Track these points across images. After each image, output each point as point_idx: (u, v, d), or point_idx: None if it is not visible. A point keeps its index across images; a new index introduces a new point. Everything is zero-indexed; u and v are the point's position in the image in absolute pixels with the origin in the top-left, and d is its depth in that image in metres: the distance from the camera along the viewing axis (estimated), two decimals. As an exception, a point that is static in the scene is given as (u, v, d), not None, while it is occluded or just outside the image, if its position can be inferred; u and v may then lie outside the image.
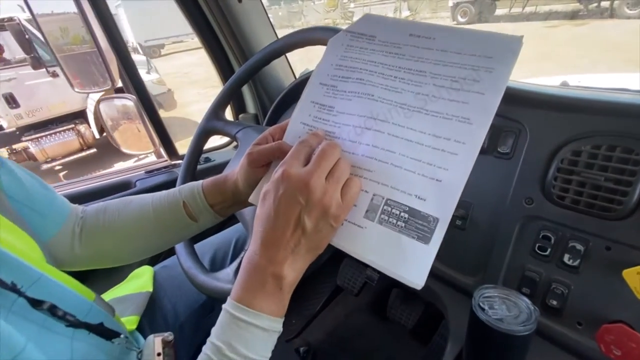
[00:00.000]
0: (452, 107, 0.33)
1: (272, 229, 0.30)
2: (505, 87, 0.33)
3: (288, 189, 0.30)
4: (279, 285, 0.30)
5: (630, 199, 0.39)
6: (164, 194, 0.45)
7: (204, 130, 0.66)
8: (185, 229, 0.45)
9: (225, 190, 0.43)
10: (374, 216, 0.33)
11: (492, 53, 0.34)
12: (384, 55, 0.38)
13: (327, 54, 0.41)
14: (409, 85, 0.36)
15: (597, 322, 0.41)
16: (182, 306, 0.59)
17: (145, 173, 0.90)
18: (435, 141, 0.33)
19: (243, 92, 1.03)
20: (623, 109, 0.41)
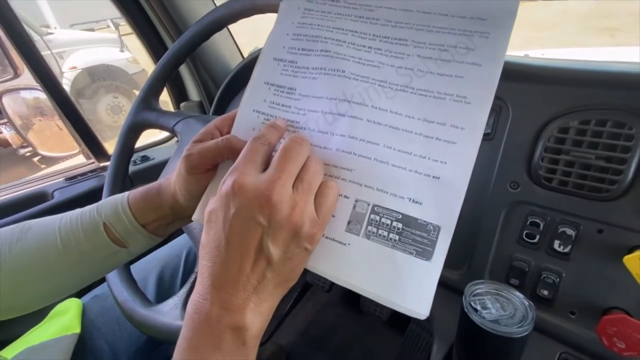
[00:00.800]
0: (444, 83, 0.27)
1: (224, 263, 0.22)
2: (505, 55, 0.27)
3: (242, 207, 0.22)
4: (240, 339, 0.22)
5: (624, 178, 0.36)
6: (76, 215, 0.34)
7: (133, 124, 0.54)
8: (111, 258, 0.34)
9: (161, 204, 0.33)
10: (358, 229, 0.26)
11: (485, 14, 0.28)
12: (353, 21, 0.31)
13: (280, 21, 0.33)
14: (388, 57, 0.29)
15: (591, 311, 0.39)
16: (123, 344, 0.49)
17: (66, 180, 0.74)
18: (427, 127, 0.26)
19: (183, 76, 0.89)
20: (612, 79, 0.37)
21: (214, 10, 0.49)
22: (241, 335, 0.22)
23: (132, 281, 0.44)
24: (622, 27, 4.06)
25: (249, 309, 0.22)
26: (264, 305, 0.23)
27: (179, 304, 0.38)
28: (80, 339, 0.46)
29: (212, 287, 0.22)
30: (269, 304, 0.24)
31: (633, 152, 0.35)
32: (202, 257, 0.23)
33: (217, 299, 0.22)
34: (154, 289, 0.54)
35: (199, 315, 0.22)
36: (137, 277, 0.45)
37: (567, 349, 0.41)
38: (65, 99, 0.73)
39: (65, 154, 0.98)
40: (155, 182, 0.35)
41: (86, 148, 0.78)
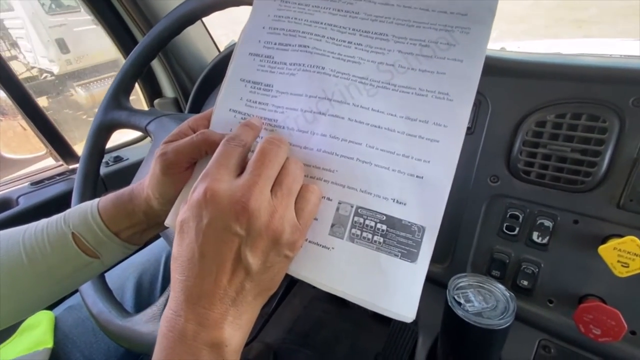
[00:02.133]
0: (426, 79, 0.26)
1: (198, 276, 0.21)
2: (486, 50, 0.27)
3: (216, 217, 0.21)
4: (219, 356, 0.21)
5: (598, 170, 0.37)
6: (42, 227, 0.32)
7: (102, 124, 0.51)
8: (83, 270, 0.32)
9: (134, 211, 0.31)
10: (342, 232, 0.25)
11: (466, 9, 0.27)
12: (332, 14, 0.30)
13: (255, 13, 0.31)
14: (369, 53, 0.28)
15: (568, 299, 0.40)
16: (100, 356, 0.46)
17: (31, 185, 0.69)
18: (409, 126, 0.26)
19: (156, 72, 0.85)
20: (587, 73, 0.38)
21: (186, 2, 0.47)
22: (220, 351, 0.21)
23: (107, 290, 0.42)
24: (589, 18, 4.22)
25: (227, 323, 0.21)
26: (243, 317, 0.22)
27: (157, 313, 0.37)
28: (54, 354, 0.44)
29: (186, 302, 0.21)
30: (248, 316, 0.22)
31: (606, 145, 0.36)
32: (175, 270, 0.22)
33: (193, 315, 0.21)
34: (132, 297, 0.52)
35: (172, 333, 0.21)
36: (113, 285, 0.43)
37: (546, 337, 0.43)
38: (26, 96, 0.68)
39: (31, 155, 0.92)
40: (127, 187, 0.33)
41: (52, 150, 0.73)
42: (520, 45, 0.74)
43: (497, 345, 0.37)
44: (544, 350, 0.43)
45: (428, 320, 0.48)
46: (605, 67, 0.37)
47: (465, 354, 0.39)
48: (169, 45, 0.52)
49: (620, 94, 0.36)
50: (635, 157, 0.35)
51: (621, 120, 0.36)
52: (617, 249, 0.34)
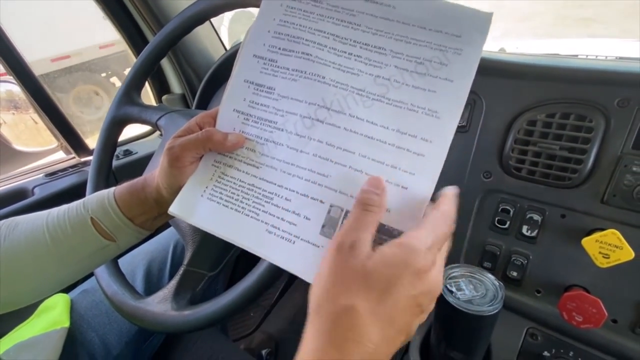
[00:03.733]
0: (418, 96, 0.28)
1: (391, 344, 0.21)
2: (474, 73, 0.28)
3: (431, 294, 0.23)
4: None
5: (584, 167, 0.39)
6: (63, 211, 0.34)
7: (115, 119, 0.53)
8: (100, 252, 0.35)
9: (146, 198, 0.34)
10: (332, 232, 0.27)
11: (460, 31, 0.29)
12: (335, 24, 0.31)
13: (262, 16, 0.33)
14: (367, 66, 0.30)
15: (555, 289, 0.42)
16: (113, 336, 0.49)
17: (45, 176, 0.72)
18: (399, 139, 0.28)
19: (165, 69, 0.87)
20: (575, 75, 0.40)
21: (196, 3, 0.49)
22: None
23: (121, 274, 0.44)
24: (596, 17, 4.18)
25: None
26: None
27: (168, 295, 0.39)
28: (70, 333, 0.46)
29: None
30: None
31: (592, 143, 0.38)
32: (372, 324, 0.21)
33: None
34: (142, 282, 0.55)
35: None
36: (124, 270, 0.46)
37: (533, 325, 0.45)
38: (41, 91, 0.71)
39: (42, 149, 0.95)
40: (140, 177, 0.35)
41: (65, 142, 0.76)
42: (519, 45, 0.75)
43: (487, 330, 0.40)
44: (532, 338, 0.45)
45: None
46: (593, 70, 0.39)
47: (456, 339, 0.41)
48: (178, 44, 0.55)
49: (606, 95, 0.37)
50: (619, 155, 0.37)
51: (607, 120, 0.38)
52: (599, 241, 0.36)
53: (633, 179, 0.36)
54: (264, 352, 0.72)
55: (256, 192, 0.29)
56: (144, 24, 0.74)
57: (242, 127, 0.31)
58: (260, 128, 0.31)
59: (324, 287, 0.22)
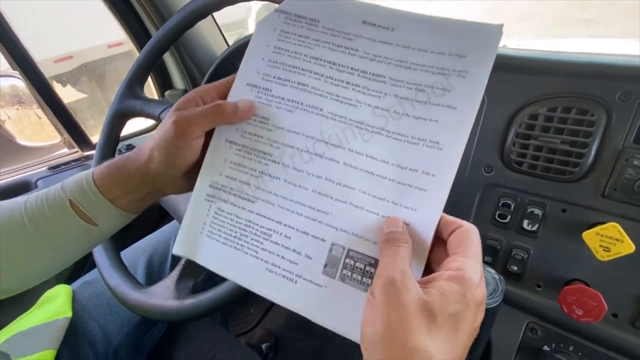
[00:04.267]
0: (419, 126, 0.27)
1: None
2: (482, 97, 0.26)
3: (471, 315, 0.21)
4: None
5: (585, 161, 0.39)
6: (42, 194, 0.32)
7: (118, 112, 0.53)
8: (84, 238, 0.33)
9: (129, 177, 0.31)
10: (334, 272, 0.27)
11: (465, 50, 0.27)
12: (331, 50, 0.29)
13: (256, 42, 0.31)
14: (366, 96, 0.28)
15: (555, 283, 0.43)
16: (114, 327, 0.49)
17: (49, 169, 0.73)
18: (400, 173, 0.27)
19: (168, 64, 0.87)
20: (577, 69, 0.40)
21: (199, -3, 0.49)
22: None
23: (123, 266, 0.45)
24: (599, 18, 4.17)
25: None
26: None
27: (170, 285, 0.40)
28: (72, 323, 0.46)
29: None
30: None
31: (594, 137, 0.38)
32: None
33: None
34: (143, 275, 0.55)
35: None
36: (126, 263, 0.46)
37: (533, 319, 0.45)
38: (46, 86, 0.71)
39: (45, 144, 0.95)
40: (122, 155, 0.33)
41: (69, 137, 0.77)
42: (521, 44, 0.75)
43: (487, 324, 0.40)
44: (532, 332, 0.45)
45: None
46: (594, 64, 0.39)
47: (456, 333, 0.41)
48: (180, 39, 0.55)
49: (607, 89, 0.38)
50: (620, 149, 0.37)
51: (608, 114, 0.38)
52: (600, 235, 0.36)
53: (634, 172, 0.36)
54: (264, 347, 0.72)
55: (254, 229, 0.29)
56: (147, 18, 0.75)
57: (233, 158, 0.30)
58: (253, 160, 0.29)
59: (381, 326, 0.21)
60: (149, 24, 0.77)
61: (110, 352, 0.48)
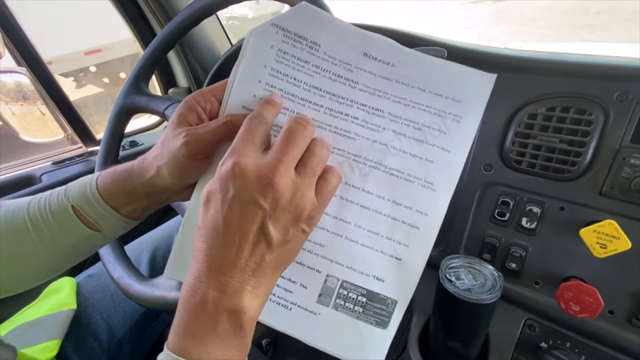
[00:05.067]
0: (415, 165, 0.28)
1: (221, 245, 0.22)
2: (471, 143, 0.28)
3: (243, 190, 0.22)
4: (237, 323, 0.22)
5: (583, 160, 0.39)
6: (45, 198, 0.33)
7: (123, 108, 0.54)
8: (86, 242, 0.33)
9: (134, 189, 0.31)
10: (328, 301, 0.28)
11: (460, 95, 0.28)
12: (332, 80, 0.29)
13: (250, 60, 0.29)
14: (364, 129, 0.28)
15: (553, 280, 0.43)
16: (117, 320, 0.50)
17: (53, 164, 0.74)
18: (395, 210, 0.28)
19: (172, 63, 0.88)
20: (575, 69, 0.41)
21: (204, -5, 0.50)
22: (238, 318, 0.22)
23: (127, 259, 0.45)
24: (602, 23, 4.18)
25: (247, 292, 0.22)
26: (261, 288, 0.23)
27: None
28: (76, 315, 0.47)
29: (208, 269, 0.22)
30: (265, 287, 0.24)
31: (591, 136, 0.39)
32: (198, 239, 0.23)
33: (214, 282, 0.22)
34: (146, 268, 0.56)
35: (194, 298, 0.22)
36: (130, 256, 0.47)
37: (531, 316, 0.46)
38: (52, 82, 0.72)
39: (49, 140, 0.96)
40: (125, 164, 0.33)
41: (73, 133, 0.77)
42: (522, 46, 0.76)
43: (485, 320, 0.40)
44: (529, 330, 0.45)
45: (422, 301, 0.51)
46: (593, 64, 0.40)
47: (455, 328, 0.41)
48: (185, 37, 0.56)
49: (605, 89, 0.38)
50: (617, 148, 0.38)
51: (606, 113, 0.38)
52: (597, 232, 0.37)
53: (631, 171, 0.37)
54: (263, 342, 0.73)
55: None
56: (152, 17, 0.76)
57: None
58: None
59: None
60: (154, 22, 0.78)
61: (113, 344, 0.49)
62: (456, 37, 0.52)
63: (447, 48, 0.43)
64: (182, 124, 0.29)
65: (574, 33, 4.17)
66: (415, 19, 5.53)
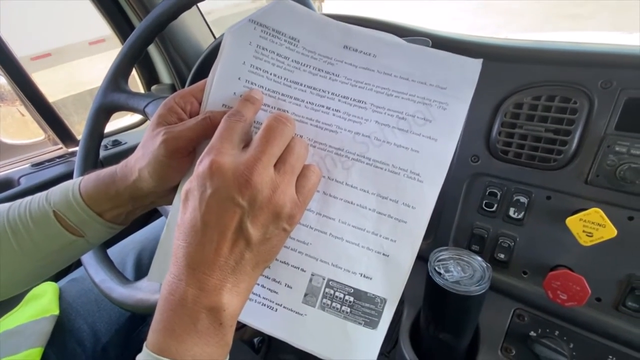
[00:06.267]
0: (400, 155, 0.27)
1: (200, 243, 0.22)
2: (460, 130, 0.27)
3: (220, 188, 0.22)
4: (217, 320, 0.22)
5: (569, 149, 0.39)
6: (26, 203, 0.32)
7: (102, 106, 0.52)
8: (69, 248, 0.32)
9: (117, 193, 0.31)
10: (314, 301, 0.27)
11: (445, 82, 0.27)
12: (312, 74, 0.28)
13: (228, 57, 0.28)
14: (346, 121, 0.28)
15: (541, 270, 0.43)
16: (102, 324, 0.49)
17: (32, 167, 0.71)
18: (380, 204, 0.27)
19: (153, 58, 0.86)
20: (560, 57, 0.40)
21: (182, -13, 0.48)
22: (218, 315, 0.22)
23: (109, 261, 0.44)
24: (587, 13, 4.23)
25: (226, 290, 0.22)
26: (241, 285, 0.23)
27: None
28: (59, 321, 0.46)
29: (187, 267, 0.22)
30: (246, 285, 0.23)
31: (576, 125, 0.39)
32: (177, 237, 0.23)
33: (193, 280, 0.22)
34: (132, 271, 0.54)
35: (173, 297, 0.22)
36: (114, 259, 0.45)
37: (520, 306, 0.46)
38: (28, 82, 0.70)
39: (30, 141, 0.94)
40: (108, 169, 0.32)
41: (53, 133, 0.75)
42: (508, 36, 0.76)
43: (474, 311, 0.40)
44: (519, 319, 0.46)
45: (412, 295, 0.51)
46: (576, 52, 0.39)
47: (445, 321, 0.41)
48: (166, 32, 0.54)
49: (590, 76, 0.38)
50: (602, 136, 0.38)
51: (590, 101, 0.38)
52: (583, 220, 0.37)
53: (616, 158, 0.37)
54: (255, 340, 0.72)
55: None
56: (130, 10, 0.73)
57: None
58: None
59: None
60: (133, 16, 0.75)
61: (98, 349, 0.48)
62: (444, 28, 0.51)
63: (431, 38, 0.42)
64: (161, 124, 0.29)
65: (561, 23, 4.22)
66: (402, 10, 5.52)
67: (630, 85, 0.36)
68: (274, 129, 0.24)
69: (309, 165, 0.26)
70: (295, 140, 0.25)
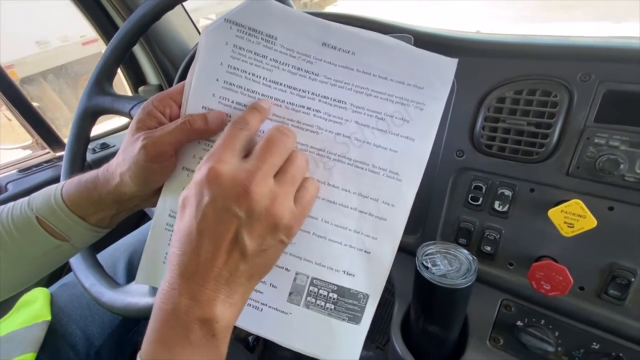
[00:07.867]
0: (379, 155, 0.27)
1: (194, 252, 0.22)
2: (436, 130, 0.27)
3: (217, 197, 0.21)
4: (210, 332, 0.21)
5: (550, 141, 0.40)
6: (7, 209, 0.32)
7: (87, 110, 0.52)
8: (54, 252, 0.32)
9: (100, 198, 0.30)
10: (299, 299, 0.28)
11: (423, 82, 0.27)
12: (291, 74, 0.28)
13: (207, 58, 0.28)
14: (327, 122, 0.28)
15: (526, 261, 0.44)
16: (95, 328, 0.49)
17: (19, 172, 0.71)
18: (361, 203, 0.27)
19: (139, 59, 0.85)
20: (540, 51, 0.41)
21: (164, -13, 0.48)
22: (211, 327, 0.21)
23: (99, 265, 0.44)
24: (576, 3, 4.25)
25: (220, 301, 0.22)
26: (235, 297, 0.23)
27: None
28: (51, 326, 0.46)
29: (181, 277, 0.22)
30: (240, 295, 0.23)
31: (557, 118, 0.39)
32: (173, 245, 0.23)
33: (186, 290, 0.21)
34: (123, 274, 0.54)
35: (167, 306, 0.21)
36: (105, 263, 0.45)
37: (507, 297, 0.47)
38: (12, 86, 0.69)
39: (17, 146, 0.92)
40: (90, 173, 0.32)
41: (39, 138, 0.74)
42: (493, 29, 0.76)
43: (462, 303, 0.41)
44: (506, 309, 0.47)
45: (403, 289, 0.52)
46: (555, 45, 0.40)
47: (434, 313, 0.42)
48: (151, 32, 0.53)
49: (569, 70, 0.38)
50: (582, 129, 0.38)
51: (570, 94, 0.39)
52: (564, 212, 0.38)
53: (595, 150, 0.38)
54: (250, 339, 0.73)
55: None
56: (114, 11, 0.72)
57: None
58: None
59: None
60: (116, 16, 0.74)
61: (92, 353, 0.48)
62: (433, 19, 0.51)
63: (414, 34, 0.42)
64: (140, 129, 0.28)
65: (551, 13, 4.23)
66: (402, 10, 5.50)
67: (608, 77, 0.37)
68: (276, 139, 0.24)
69: (307, 177, 0.26)
70: (296, 152, 0.25)
